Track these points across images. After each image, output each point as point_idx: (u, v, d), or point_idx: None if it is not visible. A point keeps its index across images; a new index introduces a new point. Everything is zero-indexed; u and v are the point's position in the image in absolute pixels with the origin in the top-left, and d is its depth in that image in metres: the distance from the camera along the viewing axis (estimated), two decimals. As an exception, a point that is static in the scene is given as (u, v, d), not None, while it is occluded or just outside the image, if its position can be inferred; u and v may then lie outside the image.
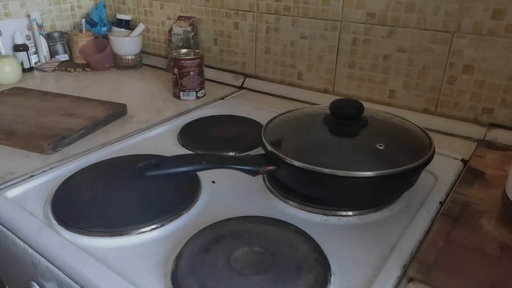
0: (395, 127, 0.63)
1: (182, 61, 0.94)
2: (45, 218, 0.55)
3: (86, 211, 0.55)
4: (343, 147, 0.60)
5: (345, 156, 0.57)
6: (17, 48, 1.16)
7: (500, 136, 0.75)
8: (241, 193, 0.61)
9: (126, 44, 1.20)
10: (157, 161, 0.50)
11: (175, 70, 0.95)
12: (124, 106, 0.88)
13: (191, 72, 0.94)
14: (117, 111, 0.86)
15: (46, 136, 0.73)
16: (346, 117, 0.60)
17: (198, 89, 0.97)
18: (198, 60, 0.95)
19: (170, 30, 1.19)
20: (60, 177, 0.64)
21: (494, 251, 0.47)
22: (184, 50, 0.98)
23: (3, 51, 1.17)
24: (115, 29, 1.28)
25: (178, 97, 0.98)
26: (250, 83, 1.07)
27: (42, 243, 0.50)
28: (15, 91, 0.98)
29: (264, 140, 0.58)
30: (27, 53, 1.17)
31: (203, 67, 0.98)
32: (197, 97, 0.98)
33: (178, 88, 0.97)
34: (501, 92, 0.74)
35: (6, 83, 1.05)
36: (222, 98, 1.00)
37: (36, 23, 1.19)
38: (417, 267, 0.44)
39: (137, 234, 0.51)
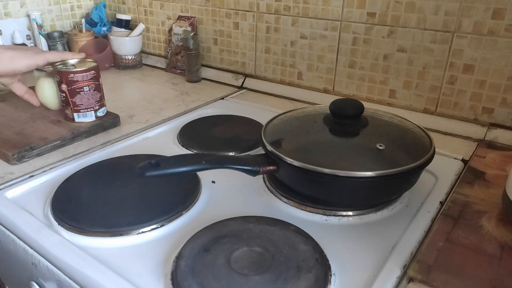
0: (395, 127, 0.63)
1: (72, 75, 0.74)
2: (45, 218, 0.55)
3: (86, 211, 0.55)
4: (343, 147, 0.60)
5: (345, 156, 0.57)
6: (17, 48, 1.15)
7: (501, 136, 0.75)
8: (241, 193, 0.61)
9: (126, 44, 1.20)
10: (157, 161, 0.50)
11: (63, 86, 0.75)
12: (116, 117, 0.83)
13: (85, 88, 0.76)
14: (105, 122, 0.81)
15: (16, 145, 0.70)
16: (346, 117, 0.60)
17: (97, 107, 0.79)
18: (93, 71, 0.77)
19: (170, 30, 1.19)
20: (60, 177, 0.64)
21: (494, 251, 0.47)
22: (72, 61, 0.78)
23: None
24: (115, 29, 1.28)
25: (72, 119, 0.78)
26: (250, 83, 1.07)
27: (42, 243, 0.50)
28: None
29: (264, 140, 0.58)
30: (27, 53, 1.17)
31: (100, 79, 0.79)
32: (97, 117, 0.80)
33: (70, 108, 0.78)
34: (502, 92, 0.74)
35: (6, 89, 1.03)
36: (222, 98, 1.00)
37: (36, 23, 1.19)
38: (417, 267, 0.44)
39: (137, 234, 0.51)
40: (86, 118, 0.79)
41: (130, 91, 1.05)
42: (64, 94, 0.77)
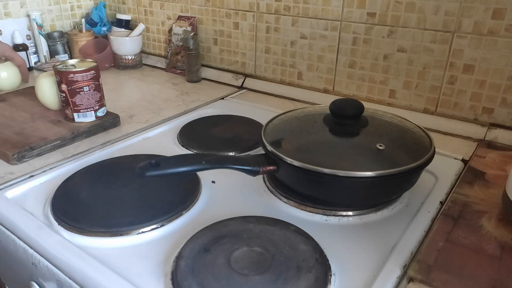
0: (395, 127, 0.63)
1: (72, 75, 0.75)
2: (45, 218, 0.55)
3: (86, 211, 0.55)
4: (343, 147, 0.60)
5: (345, 156, 0.57)
6: (17, 47, 1.15)
7: (500, 136, 0.75)
8: (241, 193, 0.61)
9: (126, 44, 1.20)
10: (157, 161, 0.50)
11: (63, 86, 0.76)
12: (116, 117, 0.83)
13: (85, 88, 0.76)
14: (105, 122, 0.81)
15: (16, 145, 0.70)
16: (346, 117, 0.60)
17: (97, 107, 0.80)
18: (93, 71, 0.77)
19: (170, 30, 1.19)
20: (60, 177, 0.64)
21: (494, 251, 0.47)
22: (72, 61, 0.80)
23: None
24: (115, 29, 1.28)
25: (72, 119, 0.79)
26: (250, 83, 1.07)
27: (42, 243, 0.50)
28: (29, 91, 0.97)
29: (264, 140, 0.58)
30: (27, 53, 1.17)
31: (100, 79, 0.80)
32: (97, 117, 0.80)
33: (70, 108, 0.78)
34: (502, 92, 0.74)
35: (5, 89, 1.03)
36: (222, 98, 1.00)
37: (36, 23, 1.19)
38: (417, 267, 0.44)
39: (137, 234, 0.51)
40: (86, 118, 0.79)
41: (130, 91, 1.05)
42: (64, 94, 0.77)
